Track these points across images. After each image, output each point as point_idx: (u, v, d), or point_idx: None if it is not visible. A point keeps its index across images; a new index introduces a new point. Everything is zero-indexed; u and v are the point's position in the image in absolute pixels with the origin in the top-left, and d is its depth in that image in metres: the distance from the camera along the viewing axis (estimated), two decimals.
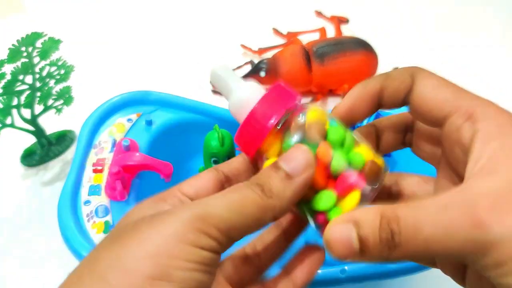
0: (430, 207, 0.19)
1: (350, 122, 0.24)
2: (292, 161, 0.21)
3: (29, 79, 0.47)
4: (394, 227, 0.19)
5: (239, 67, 0.64)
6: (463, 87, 0.22)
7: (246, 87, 0.24)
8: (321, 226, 0.22)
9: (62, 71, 0.49)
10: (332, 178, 0.22)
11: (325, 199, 0.22)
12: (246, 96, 0.24)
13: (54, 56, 0.48)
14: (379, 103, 0.24)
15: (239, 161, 0.26)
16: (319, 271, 0.36)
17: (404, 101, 0.24)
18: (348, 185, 0.22)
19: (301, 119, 0.23)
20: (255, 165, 0.25)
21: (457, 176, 0.23)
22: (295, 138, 0.23)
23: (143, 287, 0.18)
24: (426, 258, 0.24)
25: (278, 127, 0.23)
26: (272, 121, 0.23)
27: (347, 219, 0.20)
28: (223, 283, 0.25)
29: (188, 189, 0.24)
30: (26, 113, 0.50)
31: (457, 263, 0.23)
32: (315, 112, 0.23)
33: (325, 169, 0.22)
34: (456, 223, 0.18)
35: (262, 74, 0.59)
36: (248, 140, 0.23)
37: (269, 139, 0.23)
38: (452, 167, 0.23)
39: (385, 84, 0.23)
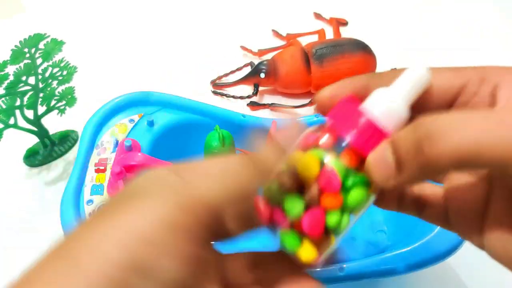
0: (474, 113, 0.18)
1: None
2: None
3: (32, 80, 0.47)
4: (429, 127, 0.18)
5: (238, 69, 0.64)
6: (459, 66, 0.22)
7: (390, 103, 0.21)
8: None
9: (65, 72, 0.49)
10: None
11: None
12: (378, 108, 0.22)
13: (56, 57, 0.48)
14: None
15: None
16: (318, 269, 0.36)
17: None
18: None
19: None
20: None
21: None
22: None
23: (122, 278, 0.17)
24: (466, 165, 0.19)
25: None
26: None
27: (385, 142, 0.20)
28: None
29: None
30: (29, 113, 0.50)
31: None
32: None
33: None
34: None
35: (262, 75, 0.60)
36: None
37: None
38: None
39: (373, 82, 0.22)
